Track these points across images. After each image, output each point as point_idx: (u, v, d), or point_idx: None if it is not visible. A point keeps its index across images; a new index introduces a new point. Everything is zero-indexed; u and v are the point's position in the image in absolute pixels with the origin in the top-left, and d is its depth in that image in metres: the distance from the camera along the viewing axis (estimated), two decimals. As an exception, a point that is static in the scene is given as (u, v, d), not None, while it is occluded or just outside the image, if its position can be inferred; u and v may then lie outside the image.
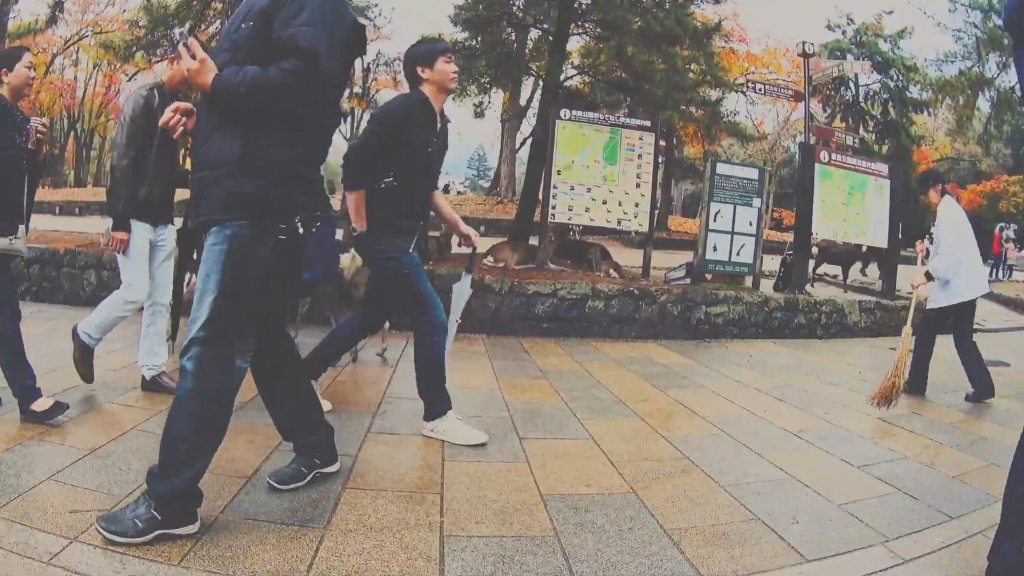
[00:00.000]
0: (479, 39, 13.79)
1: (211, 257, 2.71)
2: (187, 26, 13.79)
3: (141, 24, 14.45)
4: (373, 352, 6.61)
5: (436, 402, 4.20)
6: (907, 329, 5.92)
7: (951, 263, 5.97)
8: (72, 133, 53.99)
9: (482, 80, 14.36)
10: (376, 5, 13.47)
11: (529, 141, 23.79)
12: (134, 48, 14.57)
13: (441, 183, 4.69)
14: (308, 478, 3.31)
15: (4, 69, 3.99)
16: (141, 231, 4.65)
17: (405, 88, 4.39)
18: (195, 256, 5.99)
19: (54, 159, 54.51)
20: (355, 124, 37.91)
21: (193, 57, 2.59)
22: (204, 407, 2.74)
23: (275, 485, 3.24)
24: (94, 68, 52.31)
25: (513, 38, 15.53)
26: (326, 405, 4.42)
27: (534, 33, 15.85)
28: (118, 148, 4.55)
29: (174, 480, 2.67)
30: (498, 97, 25.32)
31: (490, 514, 3.08)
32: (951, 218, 6.13)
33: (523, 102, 31.85)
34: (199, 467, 2.75)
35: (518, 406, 4.94)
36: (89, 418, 4.22)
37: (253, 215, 2.69)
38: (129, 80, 50.21)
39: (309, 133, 2.80)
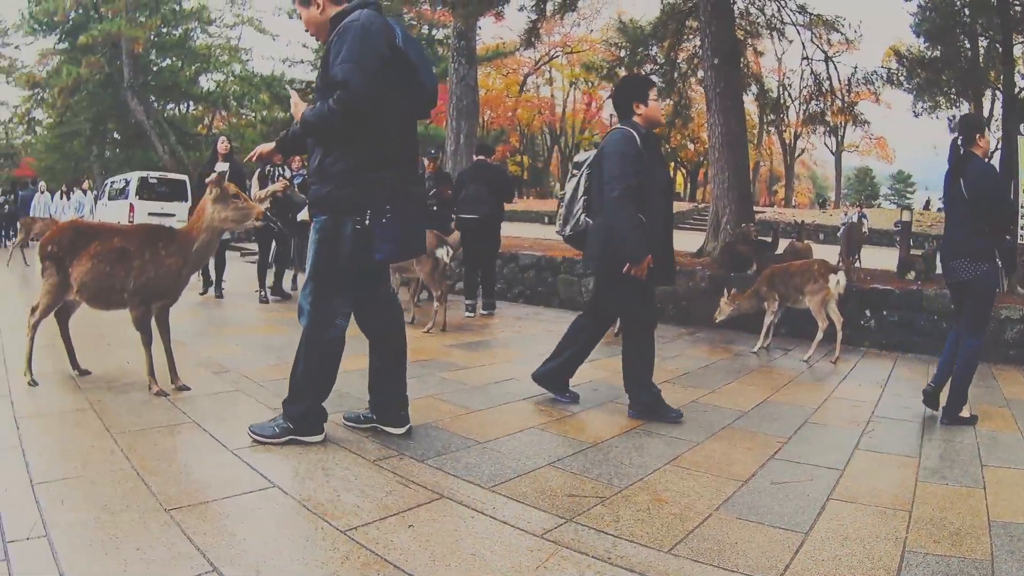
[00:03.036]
0: (939, 49, 13.63)
1: (310, 243, 3.72)
2: (665, 44, 14.66)
3: (618, 44, 15.70)
4: (797, 359, 7.07)
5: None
6: None
7: None
8: (556, 147, 60.14)
9: (948, 93, 14.38)
10: (844, 18, 13.33)
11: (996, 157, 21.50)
12: (616, 67, 15.83)
13: (922, 199, 4.73)
14: (363, 425, 4.05)
15: (637, 102, 4.65)
16: None
17: (886, 102, 4.51)
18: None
19: (537, 172, 61.72)
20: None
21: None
22: (312, 355, 3.72)
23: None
24: (571, 86, 58.07)
25: (968, 47, 15.06)
26: None
27: (985, 42, 14.99)
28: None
29: (299, 406, 3.71)
30: (966, 109, 23.80)
31: (946, 535, 3.08)
32: None
33: (986, 114, 29.43)
34: (316, 399, 3.76)
35: (983, 433, 4.80)
36: (590, 414, 4.77)
37: (330, 211, 3.61)
38: (610, 97, 54.80)
39: (360, 148, 3.55)
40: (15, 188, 23.80)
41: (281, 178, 9.19)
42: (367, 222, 3.56)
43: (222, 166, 8.45)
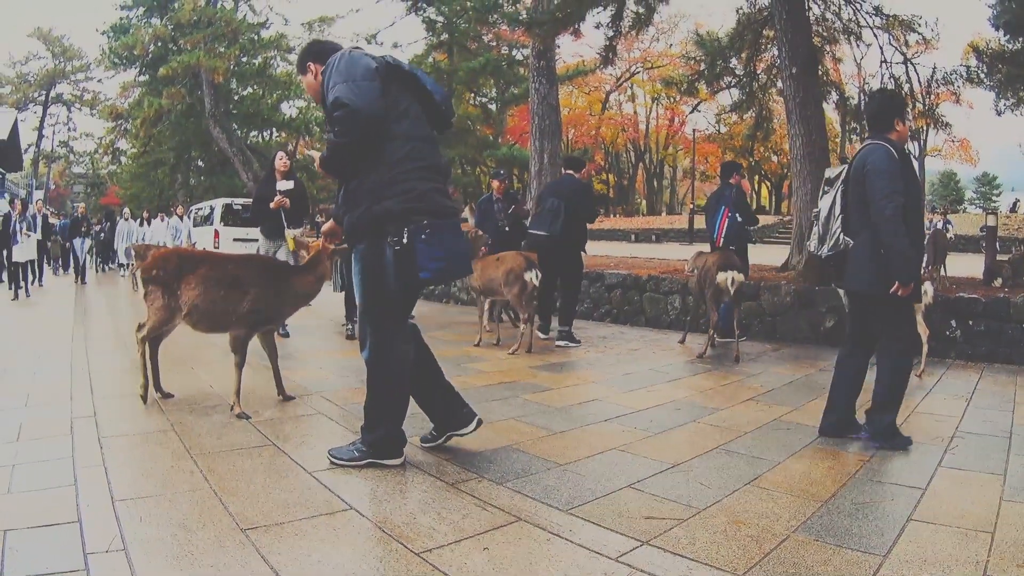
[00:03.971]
0: (1021, 42, 13.04)
1: (355, 273, 3.86)
2: (743, 56, 14.57)
3: (697, 58, 15.67)
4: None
5: None
6: None
7: None
8: (640, 164, 59.89)
9: None
10: (921, 17, 13.02)
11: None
12: (696, 81, 15.82)
13: (1009, 201, 4.72)
14: (439, 442, 4.20)
15: (897, 118, 4.65)
16: None
17: (967, 101, 4.51)
18: None
19: (622, 189, 61.44)
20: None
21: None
22: (378, 383, 3.83)
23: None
24: (653, 102, 57.90)
25: None
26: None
27: None
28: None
29: (375, 432, 3.83)
30: None
31: None
32: None
33: None
34: (392, 424, 3.85)
35: None
36: (673, 435, 4.82)
37: (367, 236, 3.71)
38: (691, 112, 55.12)
39: (382, 164, 3.63)
40: (111, 216, 25.09)
41: None
42: (405, 240, 3.61)
43: (285, 185, 8.43)
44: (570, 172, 9.37)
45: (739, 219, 8.80)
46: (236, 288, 4.89)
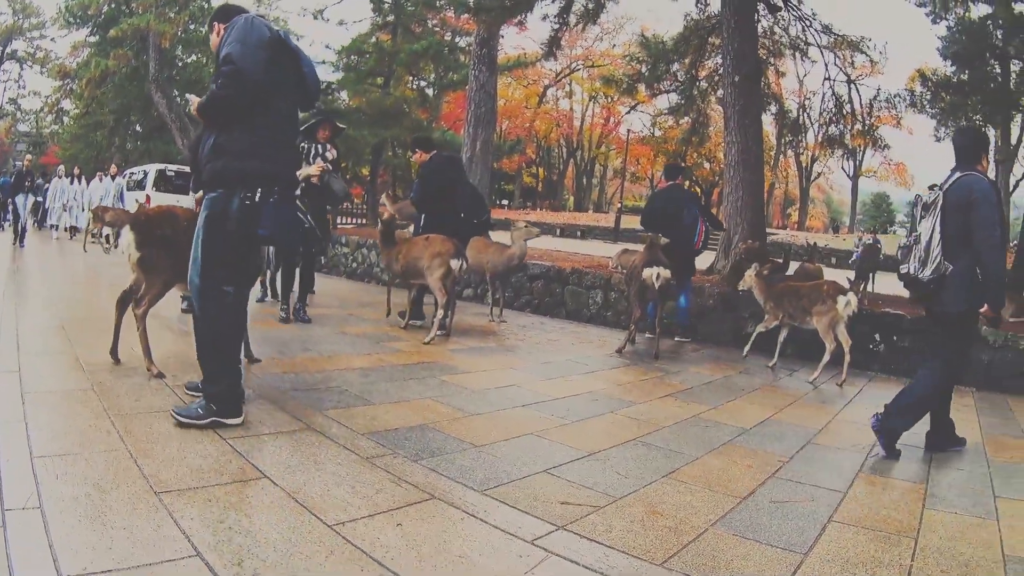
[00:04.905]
0: (967, 73, 13.77)
1: (200, 218, 3.95)
2: (686, 61, 14.68)
3: (640, 59, 15.72)
4: (803, 380, 7.04)
5: None
6: None
7: None
8: (572, 160, 60.34)
9: (974, 118, 14.29)
10: (870, 39, 13.46)
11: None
12: (636, 82, 15.85)
13: None
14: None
15: (983, 153, 4.88)
16: None
17: (908, 126, 4.64)
18: None
19: (553, 184, 61.84)
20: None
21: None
22: (209, 328, 3.91)
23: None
24: (590, 100, 58.38)
25: (998, 71, 15.34)
26: None
27: (1017, 66, 15.32)
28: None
29: (219, 385, 3.82)
30: (992, 135, 24.64)
31: (955, 565, 3.03)
32: None
33: (1013, 141, 32.38)
34: (233, 376, 3.89)
35: (998, 464, 4.75)
36: (589, 424, 4.73)
37: (224, 186, 3.84)
38: (628, 112, 56.05)
39: (252, 127, 3.82)
40: (48, 176, 23.86)
41: (320, 160, 7.82)
42: (257, 199, 3.84)
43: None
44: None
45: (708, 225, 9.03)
46: None
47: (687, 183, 14.71)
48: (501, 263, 8.76)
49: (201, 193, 4.39)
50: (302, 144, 7.77)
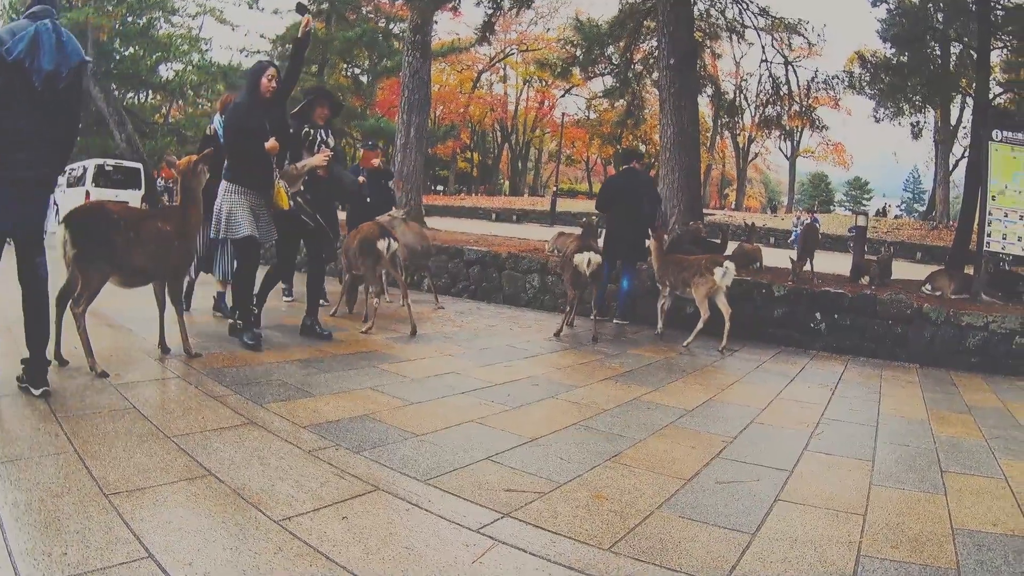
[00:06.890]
0: (907, 55, 13.94)
1: None
2: (621, 44, 14.76)
3: (574, 43, 15.74)
4: (744, 359, 7.22)
5: None
6: None
7: None
8: (507, 144, 60.25)
9: (914, 99, 14.72)
10: (808, 22, 13.71)
11: (963, 163, 23.42)
12: (571, 66, 15.87)
13: (876, 206, 4.90)
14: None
15: None
16: None
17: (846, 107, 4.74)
18: None
19: (488, 169, 61.75)
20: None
21: None
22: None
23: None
24: (524, 84, 58.33)
25: (938, 53, 15.80)
26: None
27: (957, 48, 15.84)
28: None
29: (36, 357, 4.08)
30: (932, 116, 26.17)
31: (904, 540, 3.08)
32: None
33: (953, 121, 33.34)
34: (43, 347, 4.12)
35: (943, 439, 4.86)
36: (530, 410, 4.70)
37: None
38: (563, 96, 56.17)
39: None
40: None
41: (323, 146, 6.47)
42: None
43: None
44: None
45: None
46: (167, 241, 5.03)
47: (646, 167, 14.76)
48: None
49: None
50: (306, 130, 6.43)
